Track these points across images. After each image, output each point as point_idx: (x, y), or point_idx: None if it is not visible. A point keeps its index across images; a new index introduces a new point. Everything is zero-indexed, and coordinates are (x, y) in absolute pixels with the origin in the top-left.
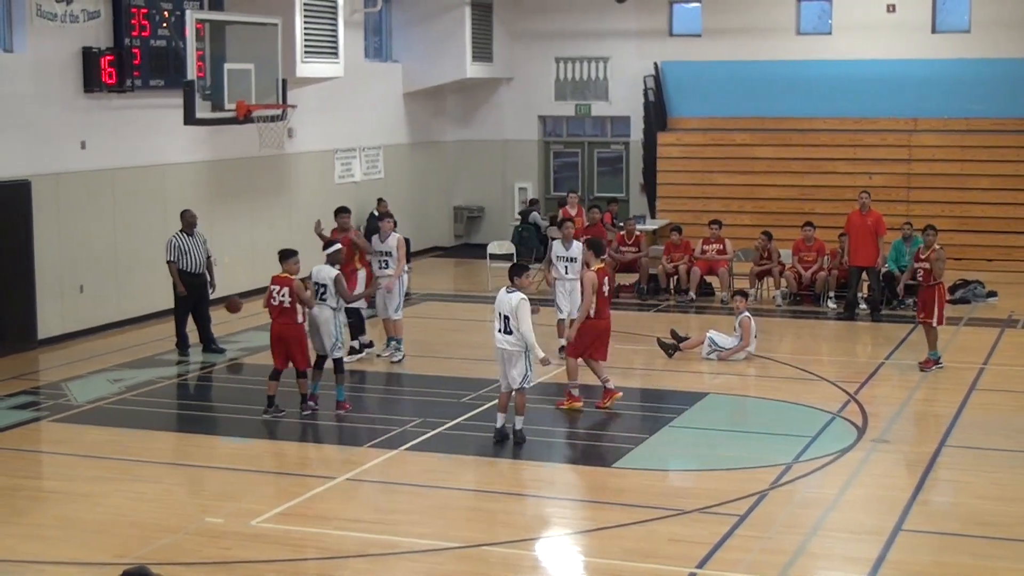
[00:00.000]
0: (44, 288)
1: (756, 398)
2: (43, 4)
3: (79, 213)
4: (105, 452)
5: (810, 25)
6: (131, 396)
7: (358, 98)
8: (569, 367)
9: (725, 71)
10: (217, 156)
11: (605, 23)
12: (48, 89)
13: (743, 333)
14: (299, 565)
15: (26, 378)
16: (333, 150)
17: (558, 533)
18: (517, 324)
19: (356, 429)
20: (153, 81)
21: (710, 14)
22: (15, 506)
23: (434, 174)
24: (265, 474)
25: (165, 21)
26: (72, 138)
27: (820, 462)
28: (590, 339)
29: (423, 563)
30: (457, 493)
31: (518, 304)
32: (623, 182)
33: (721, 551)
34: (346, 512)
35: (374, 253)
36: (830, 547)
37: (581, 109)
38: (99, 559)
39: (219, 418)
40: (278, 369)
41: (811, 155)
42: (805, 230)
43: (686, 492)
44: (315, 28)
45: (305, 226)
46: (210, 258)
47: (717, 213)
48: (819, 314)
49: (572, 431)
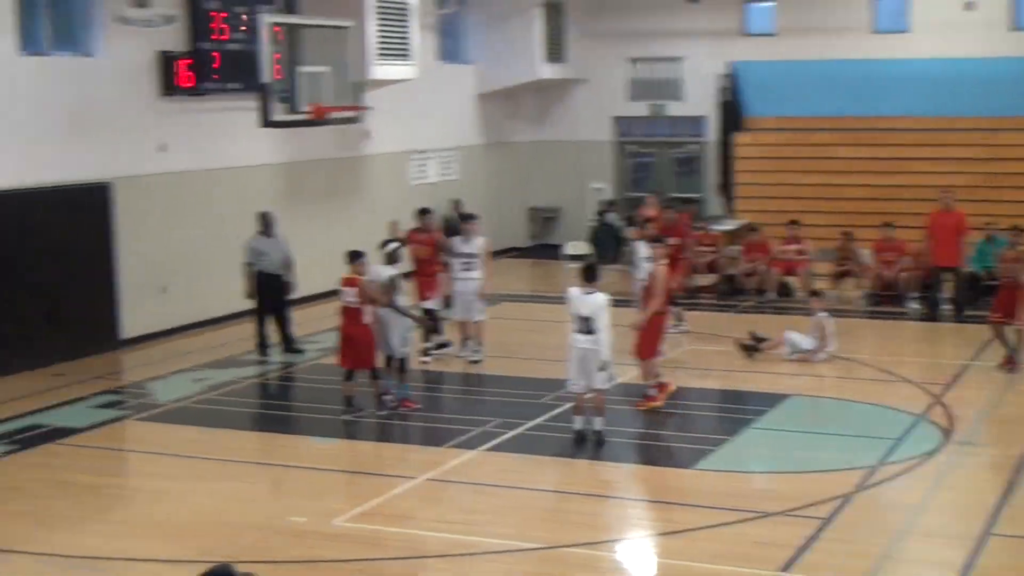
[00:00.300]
0: (126, 289)
1: (839, 400)
2: (121, 9)
3: (159, 215)
4: (189, 451)
5: (886, 23)
6: (213, 396)
7: (432, 100)
8: (648, 368)
9: (800, 70)
10: (294, 158)
11: (678, 23)
12: (127, 93)
13: (821, 333)
14: (381, 564)
15: (110, 378)
16: (408, 152)
17: (639, 535)
18: (600, 325)
19: (436, 429)
20: (230, 84)
21: (784, 13)
22: (101, 504)
23: (509, 175)
24: (346, 474)
25: (241, 25)
26: (151, 141)
27: (905, 465)
28: (660, 337)
29: (503, 564)
30: (537, 494)
31: (604, 304)
32: (699, 182)
33: (806, 554)
34: (427, 512)
35: (457, 255)
36: (917, 551)
37: (656, 109)
38: (184, 557)
39: (300, 418)
40: (347, 369)
41: (890, 155)
42: (884, 230)
43: (769, 494)
44: (389, 30)
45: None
46: (289, 258)
47: (795, 213)
48: (901, 315)
49: (652, 432)
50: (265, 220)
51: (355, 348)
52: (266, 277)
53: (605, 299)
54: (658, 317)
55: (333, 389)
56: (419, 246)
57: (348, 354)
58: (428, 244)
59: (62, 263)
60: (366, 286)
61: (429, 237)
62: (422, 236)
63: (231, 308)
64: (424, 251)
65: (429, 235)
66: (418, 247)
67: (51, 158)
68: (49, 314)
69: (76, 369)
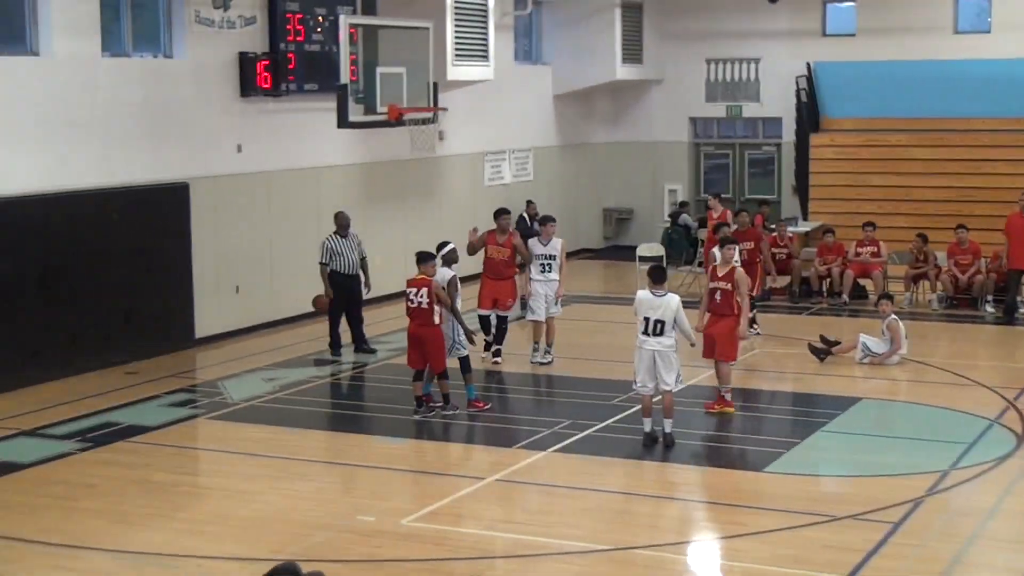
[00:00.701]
0: (201, 288)
1: (911, 403)
2: (201, 11)
3: (235, 215)
4: (260, 450)
5: (968, 23)
6: (285, 395)
7: (508, 101)
8: (724, 371)
9: (880, 71)
10: (369, 159)
11: (757, 23)
12: (206, 94)
13: (893, 336)
14: (448, 564)
15: (184, 376)
16: (483, 152)
17: (707, 537)
18: (678, 323)
19: (505, 430)
20: (307, 85)
21: (865, 13)
22: (174, 501)
23: (583, 176)
24: (415, 474)
25: (319, 26)
26: (229, 141)
27: (977, 469)
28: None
29: (572, 564)
30: (606, 495)
31: (679, 306)
32: (774, 184)
33: (875, 558)
34: (495, 513)
35: (534, 257)
36: (988, 557)
37: (732, 110)
38: (254, 555)
39: (370, 418)
40: (415, 369)
41: (969, 156)
42: (959, 233)
43: (839, 498)
44: (466, 31)
45: (455, 228)
46: (364, 259)
47: (871, 215)
48: (976, 318)
49: (722, 435)
50: (340, 220)
51: (424, 349)
52: (341, 277)
53: (678, 300)
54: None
55: (403, 389)
56: (497, 249)
57: (416, 355)
58: (506, 247)
59: (140, 262)
60: (437, 287)
61: (507, 239)
62: (501, 239)
63: (304, 308)
64: (502, 254)
65: (508, 237)
66: (496, 250)
67: (130, 158)
68: (127, 313)
69: (150, 368)
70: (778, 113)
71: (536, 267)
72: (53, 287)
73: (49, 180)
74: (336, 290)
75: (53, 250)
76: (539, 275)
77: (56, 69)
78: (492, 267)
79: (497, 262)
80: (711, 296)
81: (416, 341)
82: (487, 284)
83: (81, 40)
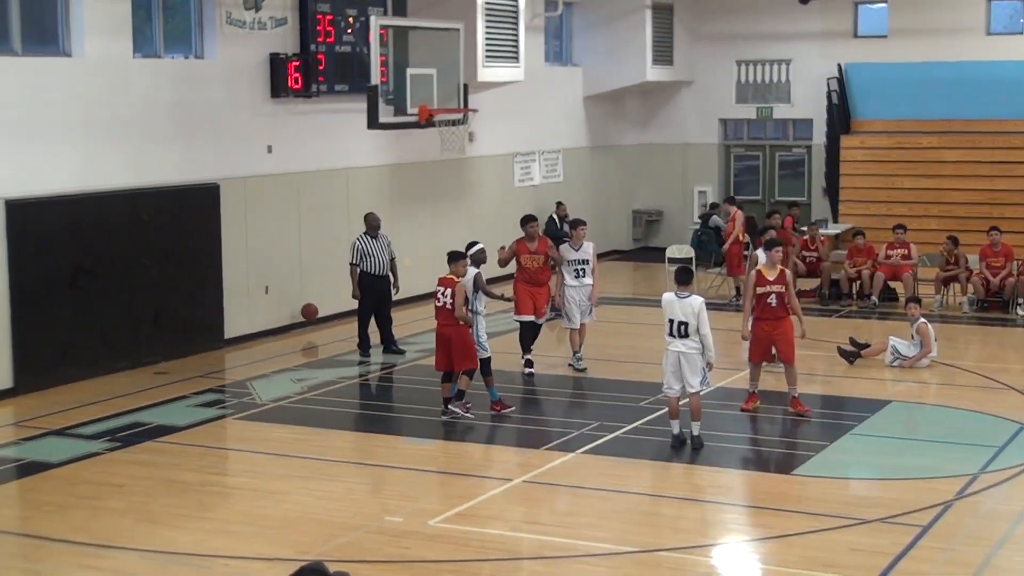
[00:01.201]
0: (231, 289)
1: (940, 406)
2: (233, 12)
3: (265, 216)
4: (288, 450)
5: (1001, 25)
6: (313, 396)
7: (538, 102)
8: (792, 373)
9: (911, 73)
10: (399, 160)
11: (788, 25)
12: (237, 95)
13: (923, 339)
14: (476, 565)
15: (212, 377)
16: (513, 154)
17: (735, 540)
18: (699, 326)
19: (534, 432)
20: (338, 86)
21: (897, 15)
22: (203, 501)
23: (613, 177)
24: (443, 475)
25: (350, 27)
26: (259, 142)
27: (1007, 473)
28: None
29: (600, 567)
30: (634, 497)
31: (701, 307)
32: (804, 186)
33: (904, 562)
34: (523, 514)
35: (567, 263)
36: (1017, 561)
37: (763, 112)
38: (283, 555)
39: (399, 418)
40: (442, 371)
41: (1001, 158)
42: (991, 235)
43: (868, 501)
44: (496, 33)
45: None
46: (393, 260)
47: (902, 217)
48: (1008, 321)
49: (751, 437)
50: (370, 221)
51: (450, 348)
52: (370, 278)
53: (701, 301)
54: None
55: (431, 390)
56: (531, 257)
57: (442, 356)
58: (539, 253)
59: (170, 263)
60: (461, 288)
61: (540, 246)
62: (532, 246)
63: (333, 309)
64: (536, 261)
65: (539, 243)
66: (530, 258)
67: (161, 159)
68: (156, 313)
69: (179, 368)
70: (809, 115)
71: (569, 273)
72: (84, 287)
73: (80, 181)
74: (365, 291)
75: (84, 250)
76: (573, 280)
77: (88, 70)
78: (528, 275)
79: (533, 270)
80: (762, 301)
81: (442, 341)
82: (524, 290)
83: (113, 41)
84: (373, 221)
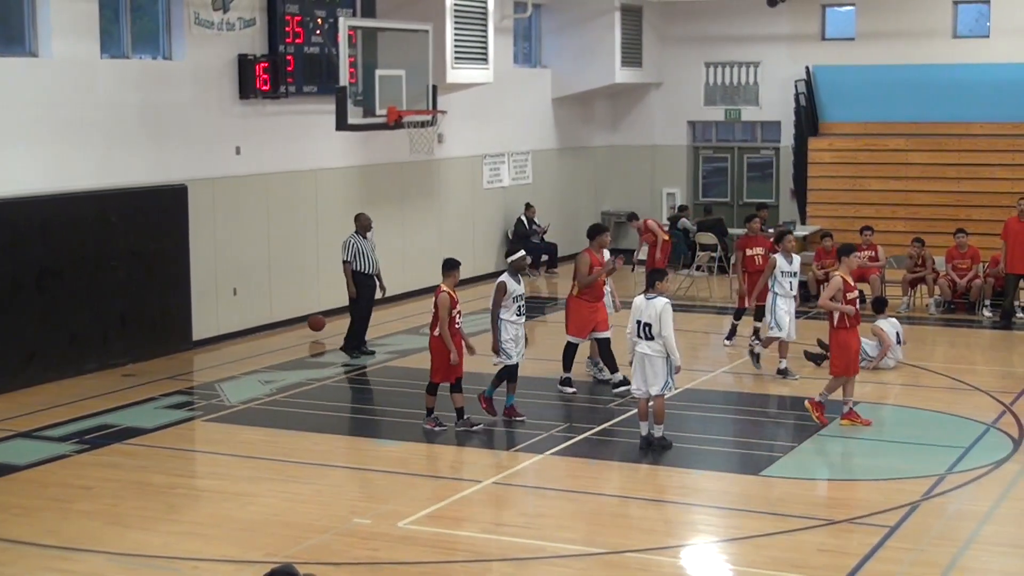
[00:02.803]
0: (199, 290)
1: (908, 408)
2: (201, 12)
3: (233, 217)
4: (257, 452)
5: (967, 28)
6: (282, 397)
7: (507, 104)
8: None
9: (879, 75)
10: (368, 161)
11: (756, 27)
12: (205, 96)
13: (880, 339)
14: (445, 567)
15: (181, 378)
16: (482, 155)
17: (703, 541)
18: (660, 329)
19: (503, 433)
20: (306, 87)
21: (864, 17)
22: (171, 503)
23: (582, 179)
24: (413, 476)
25: (318, 28)
26: (227, 143)
27: (974, 474)
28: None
29: (568, 568)
30: (603, 499)
31: (663, 309)
32: (772, 188)
33: (871, 562)
34: (492, 516)
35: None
36: (984, 561)
37: (731, 114)
38: (251, 557)
39: (368, 420)
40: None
41: (967, 160)
42: (958, 237)
43: (835, 502)
44: (465, 34)
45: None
46: (376, 262)
47: (869, 219)
48: (974, 323)
49: (719, 438)
50: (363, 221)
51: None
52: (361, 277)
53: (664, 303)
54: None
55: (400, 392)
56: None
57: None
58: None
59: (138, 264)
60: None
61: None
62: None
63: (301, 310)
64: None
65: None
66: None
67: (129, 160)
68: (124, 315)
69: (147, 370)
70: (777, 117)
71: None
72: (51, 288)
73: (47, 181)
74: (360, 290)
75: (51, 251)
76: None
77: (55, 70)
78: (595, 290)
79: (600, 284)
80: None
81: (432, 352)
82: (586, 308)
83: (80, 42)
84: (365, 222)
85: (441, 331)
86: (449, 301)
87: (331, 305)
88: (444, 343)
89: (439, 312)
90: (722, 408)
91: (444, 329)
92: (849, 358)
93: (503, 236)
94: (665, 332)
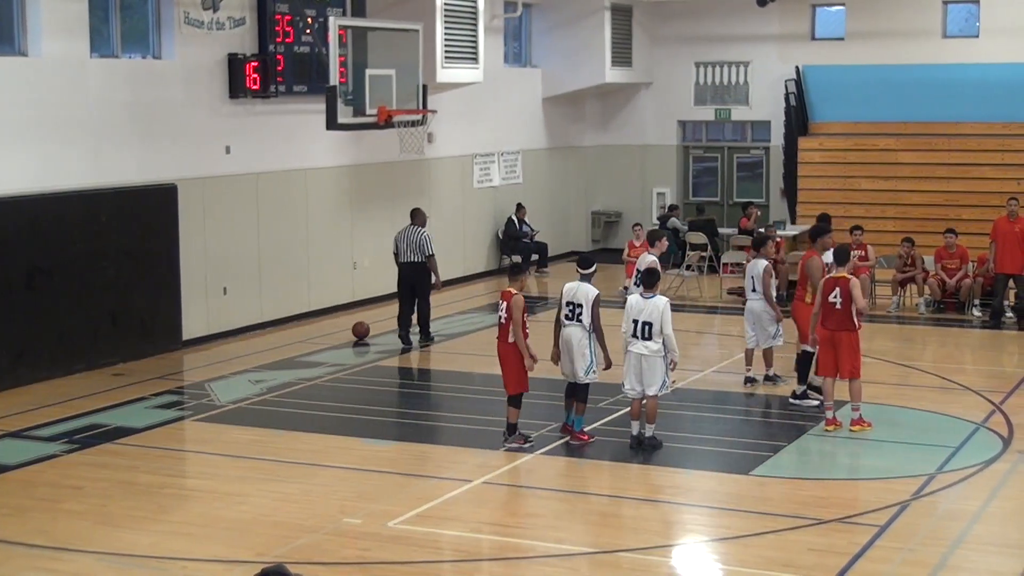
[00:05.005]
0: (189, 290)
1: (898, 407)
2: (191, 12)
3: (223, 216)
4: (247, 452)
5: (957, 28)
6: (272, 397)
7: (497, 103)
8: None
9: (869, 75)
10: (358, 161)
11: (746, 27)
12: (195, 95)
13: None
14: (435, 567)
15: (171, 378)
16: (472, 155)
17: (694, 540)
18: (661, 327)
19: (493, 433)
20: (296, 87)
21: (854, 17)
22: (161, 503)
23: (572, 179)
24: (403, 476)
25: (309, 28)
26: (217, 143)
27: (964, 473)
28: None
29: (558, 568)
30: (592, 498)
31: (665, 307)
32: (762, 187)
33: (861, 562)
34: (482, 515)
35: None
36: (974, 560)
37: (721, 114)
38: (241, 557)
39: (358, 420)
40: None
41: (957, 160)
42: (947, 237)
43: (825, 501)
44: (455, 34)
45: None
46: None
47: (859, 219)
48: (963, 322)
49: (710, 437)
50: (422, 217)
51: (501, 366)
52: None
53: (665, 301)
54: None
55: (389, 391)
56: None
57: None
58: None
59: (128, 263)
60: (515, 303)
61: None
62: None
63: (292, 310)
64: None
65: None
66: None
67: (119, 159)
68: (114, 314)
69: (137, 369)
70: (767, 116)
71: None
72: (41, 288)
73: (37, 181)
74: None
75: (41, 251)
76: None
77: (45, 70)
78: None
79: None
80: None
81: (500, 360)
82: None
83: (70, 41)
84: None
85: (516, 336)
86: (523, 304)
87: (319, 306)
88: (519, 349)
89: (513, 315)
90: (713, 407)
91: (519, 333)
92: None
93: (493, 236)
94: (666, 330)
